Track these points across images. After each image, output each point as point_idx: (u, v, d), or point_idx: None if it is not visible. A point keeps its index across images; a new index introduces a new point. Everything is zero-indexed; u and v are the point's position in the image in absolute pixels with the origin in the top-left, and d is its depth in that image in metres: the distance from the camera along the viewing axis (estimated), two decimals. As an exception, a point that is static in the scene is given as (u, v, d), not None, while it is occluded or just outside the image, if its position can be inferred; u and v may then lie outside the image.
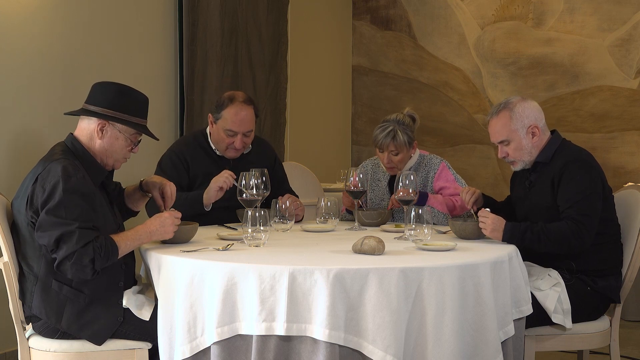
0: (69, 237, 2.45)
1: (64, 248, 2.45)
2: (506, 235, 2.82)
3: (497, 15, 6.16)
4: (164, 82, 4.79)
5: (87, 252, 2.45)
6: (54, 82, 4.05)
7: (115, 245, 2.53)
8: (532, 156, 3.03)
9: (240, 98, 3.41)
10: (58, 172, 2.51)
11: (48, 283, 2.57)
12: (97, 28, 4.29)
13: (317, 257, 2.53)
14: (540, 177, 3.01)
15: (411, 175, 3.05)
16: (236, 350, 2.34)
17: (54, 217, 2.47)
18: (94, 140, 2.68)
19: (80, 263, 2.45)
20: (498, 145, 3.07)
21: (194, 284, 2.40)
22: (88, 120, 2.70)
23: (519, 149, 3.01)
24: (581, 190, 2.86)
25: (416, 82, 6.52)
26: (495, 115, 3.04)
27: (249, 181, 2.90)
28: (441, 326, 2.34)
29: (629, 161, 5.76)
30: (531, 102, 3.05)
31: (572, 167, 2.91)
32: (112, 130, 2.68)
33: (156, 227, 2.64)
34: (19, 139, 3.88)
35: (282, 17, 5.72)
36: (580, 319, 2.93)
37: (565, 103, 5.96)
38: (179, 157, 3.46)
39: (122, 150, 2.72)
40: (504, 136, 3.02)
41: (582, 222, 2.81)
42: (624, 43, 5.72)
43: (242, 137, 3.40)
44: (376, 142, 3.45)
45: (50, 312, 2.57)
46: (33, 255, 2.58)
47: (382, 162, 3.52)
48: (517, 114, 2.99)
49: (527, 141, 3.00)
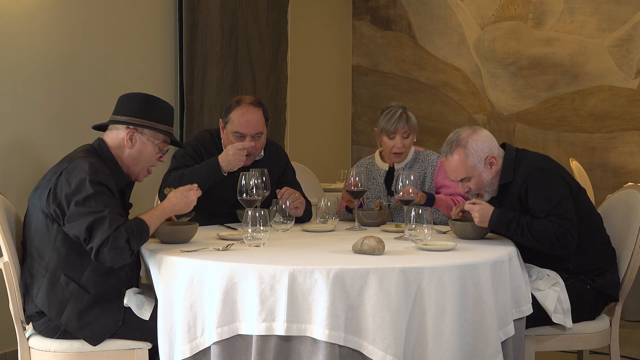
0: (100, 223, 2.47)
1: (97, 235, 2.46)
2: (492, 221, 2.82)
3: (497, 15, 6.16)
4: (164, 82, 4.79)
5: (121, 234, 2.47)
6: (54, 83, 4.05)
7: (145, 223, 2.57)
8: (494, 185, 2.99)
9: (248, 100, 3.35)
10: (85, 168, 2.55)
11: (57, 276, 2.58)
12: (97, 28, 4.29)
13: (317, 257, 2.53)
14: (507, 196, 2.98)
15: (411, 175, 3.05)
16: (236, 350, 2.34)
17: (83, 208, 2.49)
18: (123, 148, 2.73)
19: (117, 246, 2.46)
20: (459, 183, 3.03)
21: (194, 284, 2.40)
22: (117, 130, 2.75)
23: (480, 182, 2.98)
24: (549, 197, 2.84)
25: (416, 82, 6.52)
26: (449, 154, 2.97)
27: (249, 181, 2.90)
28: (441, 326, 2.34)
29: (629, 161, 5.77)
30: (481, 132, 2.98)
31: (533, 178, 2.88)
32: (140, 138, 2.73)
33: (178, 200, 2.70)
34: (18, 140, 3.88)
35: (282, 17, 5.72)
36: (581, 318, 2.93)
37: (565, 103, 5.96)
38: (195, 151, 3.42)
39: (151, 158, 2.76)
40: (464, 174, 2.97)
41: (564, 225, 2.80)
42: (624, 43, 5.72)
43: (250, 140, 3.31)
44: (388, 128, 3.45)
45: (52, 307, 2.58)
46: (47, 247, 2.60)
47: (389, 151, 3.50)
48: (472, 149, 2.93)
49: (487, 173, 2.96)
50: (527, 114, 6.12)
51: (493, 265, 2.51)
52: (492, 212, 2.83)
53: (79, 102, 4.19)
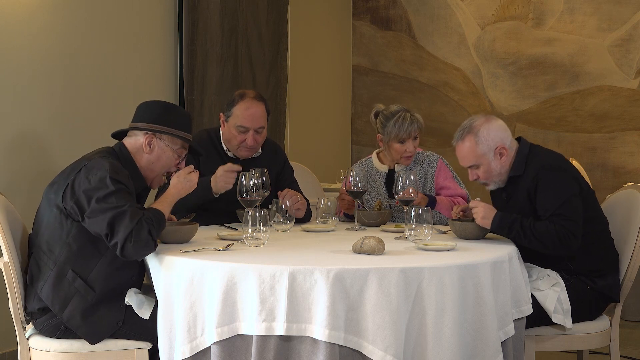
0: (121, 217, 2.49)
1: (120, 230, 2.48)
2: (494, 224, 2.83)
3: (497, 15, 6.16)
4: (164, 82, 4.79)
5: (143, 227, 2.49)
6: (54, 82, 4.05)
7: (160, 212, 2.62)
8: (502, 175, 3.00)
9: (251, 94, 3.42)
10: (105, 166, 2.58)
11: (64, 271, 2.60)
12: (97, 28, 4.29)
13: (317, 257, 2.53)
14: (516, 190, 2.99)
15: (411, 175, 3.05)
16: (236, 350, 2.34)
17: (105, 204, 2.51)
18: (141, 154, 2.78)
19: (140, 240, 2.49)
20: (468, 169, 3.05)
21: (194, 284, 2.40)
22: (135, 137, 2.80)
23: (489, 172, 2.99)
24: (559, 196, 2.84)
25: (416, 82, 6.52)
26: (460, 140, 3.01)
27: (249, 181, 2.90)
28: (441, 326, 2.34)
29: (629, 161, 5.77)
30: (495, 121, 3.00)
31: (544, 174, 2.89)
32: (159, 144, 2.78)
33: (182, 185, 2.75)
34: (19, 139, 3.88)
35: (282, 17, 5.72)
36: (580, 318, 2.93)
37: (565, 103, 5.96)
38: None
39: (169, 164, 2.82)
40: (472, 161, 2.99)
41: (567, 227, 2.80)
42: (624, 43, 5.72)
43: (253, 134, 3.36)
44: (401, 135, 3.44)
45: (56, 301, 2.59)
46: (58, 241, 2.62)
47: (400, 155, 3.49)
48: (483, 137, 2.95)
49: (496, 163, 2.97)
50: (527, 114, 6.12)
51: (493, 265, 2.51)
52: (495, 213, 2.84)
53: (79, 102, 4.19)
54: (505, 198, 3.05)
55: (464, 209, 3.09)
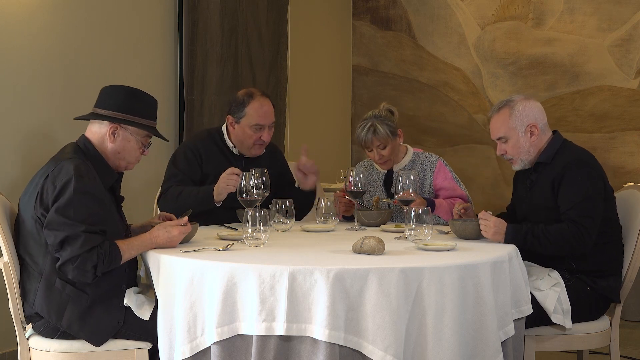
0: (74, 240, 2.46)
1: (68, 250, 2.46)
2: (508, 237, 2.82)
3: (497, 15, 6.16)
4: (164, 82, 4.79)
5: (91, 258, 2.47)
6: (54, 83, 4.05)
7: (119, 253, 2.55)
8: (530, 155, 3.03)
9: (258, 92, 3.47)
10: (70, 171, 2.53)
11: (52, 281, 2.57)
12: (97, 28, 4.29)
13: (317, 257, 2.53)
14: (541, 178, 3.01)
15: (411, 175, 3.05)
16: (236, 350, 2.34)
17: (62, 217, 2.48)
18: (106, 143, 2.71)
19: (83, 268, 2.47)
20: (497, 143, 3.07)
21: (194, 284, 2.40)
22: (99, 124, 2.73)
23: (517, 147, 3.01)
24: (582, 192, 2.86)
25: (416, 82, 6.52)
26: (496, 112, 3.06)
27: (249, 181, 2.90)
28: (441, 326, 2.34)
29: (629, 161, 5.76)
30: (534, 102, 3.07)
31: (573, 168, 2.91)
32: (123, 133, 2.71)
33: (163, 239, 2.64)
34: (19, 139, 3.87)
35: (282, 17, 5.72)
36: (580, 319, 2.93)
37: (565, 103, 5.96)
38: (193, 152, 3.45)
39: (134, 153, 2.75)
40: (502, 133, 3.03)
41: (583, 224, 2.81)
42: (624, 43, 5.72)
43: (268, 130, 3.44)
44: (360, 142, 3.47)
45: (51, 311, 2.58)
46: (39, 252, 2.59)
47: (375, 161, 3.52)
48: (517, 112, 3.00)
49: (525, 140, 3.01)
50: (527, 114, 6.11)
51: (493, 265, 2.51)
52: (507, 227, 2.83)
53: (79, 102, 4.18)
54: (528, 185, 3.06)
55: (465, 207, 3.09)
